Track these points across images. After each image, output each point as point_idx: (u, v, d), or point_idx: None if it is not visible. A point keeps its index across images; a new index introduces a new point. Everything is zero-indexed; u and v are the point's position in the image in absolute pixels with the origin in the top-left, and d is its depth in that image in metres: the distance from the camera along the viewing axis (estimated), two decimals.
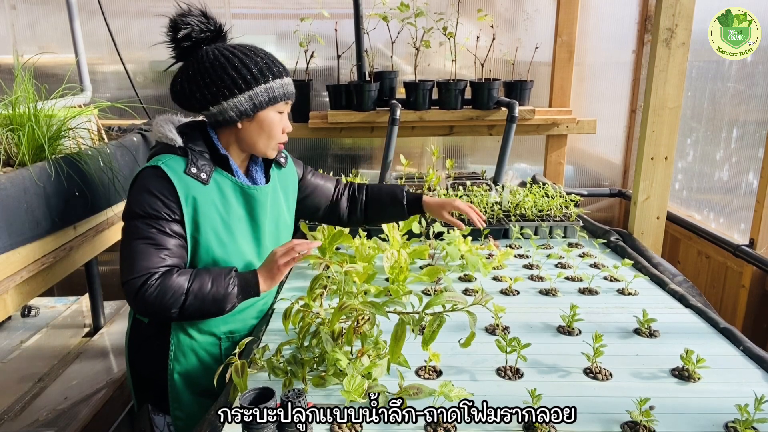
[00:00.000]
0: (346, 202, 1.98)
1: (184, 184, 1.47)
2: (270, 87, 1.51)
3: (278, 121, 1.56)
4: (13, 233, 1.56)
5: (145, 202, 1.45)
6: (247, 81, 1.48)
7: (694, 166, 3.16)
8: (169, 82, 1.58)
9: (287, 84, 1.55)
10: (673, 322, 1.67)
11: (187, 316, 1.48)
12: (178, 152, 1.51)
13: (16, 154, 1.72)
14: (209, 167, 1.52)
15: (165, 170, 1.46)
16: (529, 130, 3.33)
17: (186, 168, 1.48)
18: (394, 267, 1.83)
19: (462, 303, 1.24)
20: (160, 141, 1.55)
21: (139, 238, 1.44)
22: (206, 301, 1.45)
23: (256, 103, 1.50)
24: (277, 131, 1.57)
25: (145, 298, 1.41)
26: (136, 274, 1.41)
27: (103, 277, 3.20)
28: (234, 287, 1.48)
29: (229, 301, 1.48)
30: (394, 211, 1.97)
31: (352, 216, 1.98)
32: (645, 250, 2.32)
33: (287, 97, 1.56)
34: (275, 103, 1.53)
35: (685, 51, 2.32)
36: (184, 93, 1.52)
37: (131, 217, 1.46)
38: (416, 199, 1.96)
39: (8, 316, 2.09)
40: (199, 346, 1.59)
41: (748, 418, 1.12)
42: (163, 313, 1.44)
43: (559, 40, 3.34)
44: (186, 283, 1.43)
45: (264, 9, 3.37)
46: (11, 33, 3.31)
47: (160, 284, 1.41)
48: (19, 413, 2.13)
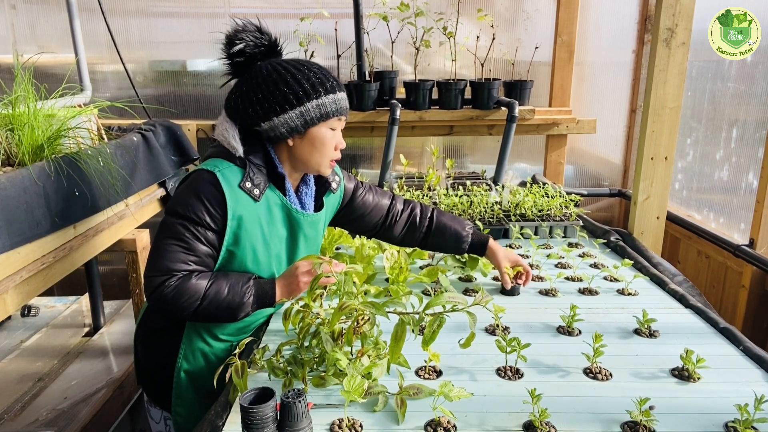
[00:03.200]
0: (403, 227, 1.88)
1: (235, 198, 1.45)
2: (321, 103, 1.47)
3: (330, 137, 1.53)
4: (12, 233, 1.56)
5: (189, 204, 1.43)
6: (299, 97, 1.45)
7: (694, 165, 3.16)
8: (169, 83, 1.58)
9: (340, 99, 1.51)
10: (673, 322, 1.67)
11: (200, 319, 1.48)
12: (237, 162, 1.48)
13: (16, 153, 1.72)
14: (264, 184, 1.50)
15: (220, 179, 1.43)
16: (529, 130, 3.33)
17: (242, 182, 1.46)
18: (394, 267, 1.83)
19: (462, 303, 1.24)
20: (221, 144, 1.52)
21: (172, 237, 1.43)
22: (221, 307, 1.44)
23: (307, 119, 1.47)
24: (329, 148, 1.54)
25: (162, 297, 1.40)
26: (158, 272, 1.41)
27: (103, 276, 3.20)
28: (250, 296, 1.47)
29: (243, 309, 1.47)
30: (453, 249, 1.91)
31: (407, 242, 1.91)
32: (645, 250, 2.32)
33: (340, 113, 1.52)
34: (327, 119, 1.50)
35: (685, 51, 2.32)
36: (237, 109, 1.50)
37: (172, 213, 1.45)
38: (481, 244, 1.87)
39: (8, 315, 2.09)
40: (210, 350, 1.59)
41: (748, 418, 1.12)
42: (176, 313, 1.43)
43: (559, 40, 3.34)
44: (203, 287, 1.42)
45: (264, 9, 3.36)
46: (11, 32, 3.31)
47: (178, 286, 1.40)
48: (19, 413, 2.13)
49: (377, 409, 1.23)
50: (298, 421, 1.03)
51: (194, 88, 3.40)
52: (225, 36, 1.51)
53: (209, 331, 1.57)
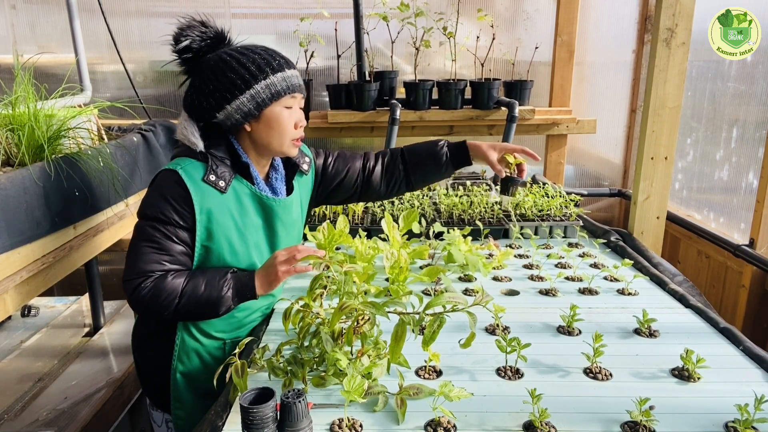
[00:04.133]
0: (381, 176, 1.86)
1: (201, 192, 1.45)
2: (270, 82, 1.46)
3: (287, 116, 1.51)
4: (12, 233, 1.56)
5: (156, 205, 1.44)
6: (246, 80, 1.44)
7: (694, 165, 3.16)
8: (169, 83, 1.58)
9: (290, 76, 1.49)
10: (673, 322, 1.67)
11: (182, 317, 1.49)
12: (198, 157, 1.48)
13: (15, 154, 1.72)
14: (229, 175, 1.50)
15: (183, 176, 1.43)
16: (529, 130, 3.33)
17: (205, 175, 1.46)
18: (394, 267, 1.83)
19: (462, 303, 1.24)
20: (182, 142, 1.52)
21: (144, 240, 1.44)
22: (200, 303, 1.44)
23: (259, 101, 1.46)
24: (287, 127, 1.51)
25: (140, 299, 1.42)
26: (133, 275, 1.43)
27: (103, 276, 3.20)
28: (228, 290, 1.46)
29: (223, 303, 1.46)
30: (434, 165, 1.84)
31: (392, 187, 1.88)
32: (645, 250, 2.32)
33: (292, 90, 1.50)
34: (279, 98, 1.48)
35: (685, 51, 2.32)
36: (193, 105, 1.50)
37: (141, 216, 1.46)
38: (460, 145, 1.82)
39: (8, 316, 2.09)
40: (203, 349, 1.58)
41: (748, 418, 1.12)
42: (157, 314, 1.45)
43: (559, 40, 3.34)
44: (180, 286, 1.43)
45: (264, 9, 3.37)
46: (11, 33, 3.31)
47: (154, 287, 1.42)
48: (19, 413, 2.13)
49: (377, 409, 1.23)
50: (298, 421, 1.03)
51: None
52: (172, 35, 1.50)
53: (200, 329, 1.57)
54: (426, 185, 1.99)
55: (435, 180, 1.94)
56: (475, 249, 2.10)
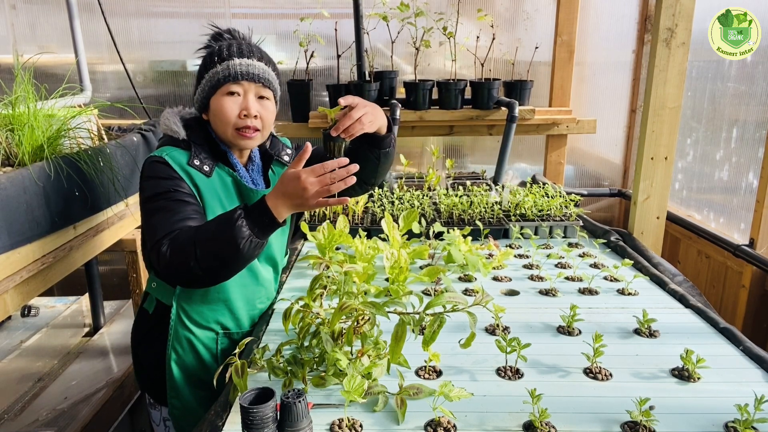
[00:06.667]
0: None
1: (188, 174, 1.48)
2: (214, 71, 1.48)
3: (229, 104, 1.47)
4: (12, 233, 1.56)
5: (154, 185, 1.44)
6: (200, 72, 1.50)
7: (694, 166, 3.16)
8: (169, 83, 1.60)
9: (237, 64, 1.45)
10: (673, 322, 1.67)
11: (210, 268, 1.32)
12: (181, 145, 1.51)
13: (15, 154, 1.72)
14: (211, 161, 1.52)
15: (169, 161, 1.46)
16: (529, 130, 3.33)
17: (189, 160, 1.49)
18: (394, 267, 1.83)
19: (462, 304, 1.24)
20: (165, 133, 1.55)
21: (154, 212, 1.41)
22: (217, 242, 1.29)
23: (206, 90, 1.50)
24: (229, 115, 1.47)
25: (165, 260, 1.31)
26: (153, 242, 1.35)
27: (103, 276, 3.20)
28: (240, 219, 1.30)
29: (241, 236, 1.29)
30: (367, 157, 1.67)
31: (369, 169, 1.67)
32: (645, 250, 2.32)
33: (232, 78, 1.45)
34: (219, 86, 1.47)
35: (685, 51, 2.32)
36: (193, 98, 1.59)
37: (144, 201, 1.46)
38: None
39: (8, 316, 2.09)
40: (196, 340, 1.59)
41: (748, 418, 1.12)
42: (186, 272, 1.32)
43: (559, 40, 3.34)
44: (192, 232, 1.34)
45: (264, 9, 3.37)
46: (11, 33, 3.31)
47: (170, 241, 1.33)
48: (19, 413, 2.13)
49: (377, 409, 1.23)
50: (298, 421, 1.03)
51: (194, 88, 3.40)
52: (211, 37, 1.57)
53: (192, 319, 1.57)
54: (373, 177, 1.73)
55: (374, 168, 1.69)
56: (475, 249, 2.10)
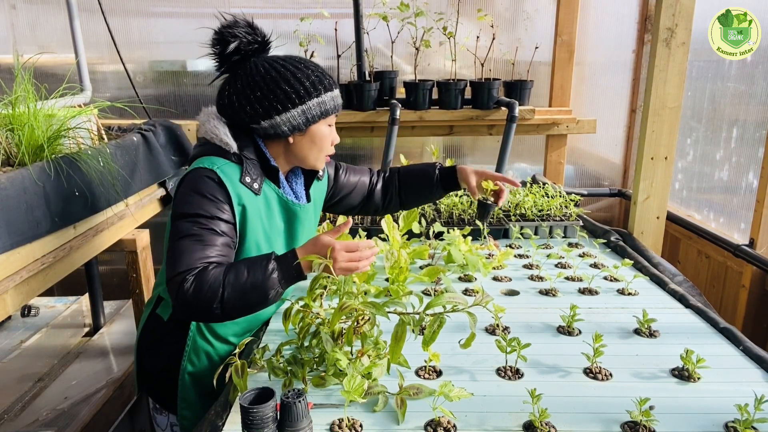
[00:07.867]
0: (381, 192, 1.95)
1: (238, 193, 1.44)
2: (322, 101, 1.50)
3: (328, 134, 1.57)
4: (12, 233, 1.56)
5: (195, 203, 1.40)
6: (301, 95, 1.46)
7: (694, 165, 3.16)
8: (169, 83, 1.58)
9: (337, 96, 1.55)
10: (673, 322, 1.67)
11: (231, 310, 1.34)
12: (232, 159, 1.48)
13: (15, 153, 1.72)
14: (260, 178, 1.51)
15: (221, 176, 1.42)
16: (529, 130, 3.33)
17: (241, 177, 1.46)
18: (394, 267, 1.83)
19: (462, 304, 1.24)
20: (211, 141, 1.50)
21: (185, 236, 1.37)
22: (246, 289, 1.32)
23: (309, 117, 1.49)
24: (327, 144, 1.57)
25: (184, 295, 1.31)
26: (177, 271, 1.33)
27: (103, 276, 3.20)
28: (274, 271, 1.34)
29: (271, 287, 1.34)
30: (426, 185, 1.92)
31: (389, 205, 1.96)
32: (645, 250, 2.32)
33: (337, 110, 1.57)
34: (327, 116, 1.53)
35: (685, 51, 2.32)
36: (233, 107, 1.49)
37: (179, 216, 1.40)
38: (450, 169, 1.89)
39: (8, 316, 2.09)
40: (214, 352, 1.58)
41: (748, 418, 1.12)
42: (205, 311, 1.33)
43: (559, 40, 3.34)
44: (221, 274, 1.32)
45: (264, 9, 3.36)
46: (11, 33, 3.31)
47: (195, 279, 1.31)
48: (19, 413, 2.13)
49: (377, 409, 1.23)
50: (298, 421, 1.03)
51: (194, 88, 3.40)
52: (215, 32, 1.49)
53: (214, 332, 1.56)
54: (418, 205, 2.05)
55: (426, 199, 2.02)
56: (475, 249, 2.10)
